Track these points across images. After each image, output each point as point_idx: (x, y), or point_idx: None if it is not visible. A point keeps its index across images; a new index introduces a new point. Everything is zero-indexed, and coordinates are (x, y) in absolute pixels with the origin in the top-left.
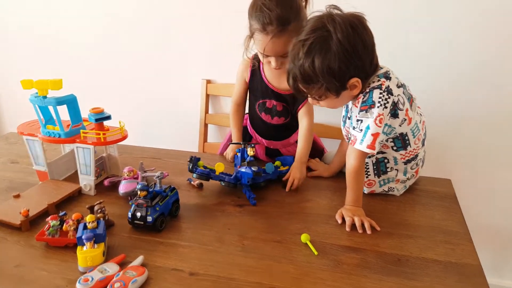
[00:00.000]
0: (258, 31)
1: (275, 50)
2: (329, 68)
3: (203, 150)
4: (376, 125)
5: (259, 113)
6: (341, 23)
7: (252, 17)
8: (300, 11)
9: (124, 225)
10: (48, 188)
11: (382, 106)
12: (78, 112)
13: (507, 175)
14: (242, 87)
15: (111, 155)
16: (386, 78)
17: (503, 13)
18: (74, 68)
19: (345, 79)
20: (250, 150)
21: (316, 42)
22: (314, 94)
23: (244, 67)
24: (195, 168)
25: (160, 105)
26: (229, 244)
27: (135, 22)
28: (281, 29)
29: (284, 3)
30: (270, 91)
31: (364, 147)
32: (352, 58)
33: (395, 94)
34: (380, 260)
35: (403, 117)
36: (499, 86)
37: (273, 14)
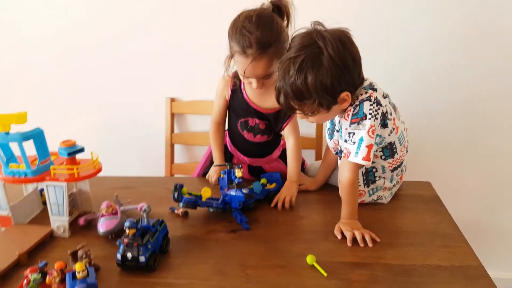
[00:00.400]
0: (238, 54)
1: (256, 72)
2: (322, 84)
3: (170, 172)
4: (369, 136)
5: (241, 131)
6: (330, 39)
7: (232, 39)
8: (281, 33)
9: (111, 268)
10: (14, 234)
11: (373, 118)
12: (45, 147)
13: (473, 173)
14: (222, 105)
15: (82, 190)
16: (373, 89)
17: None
18: (21, 90)
19: (337, 94)
20: (238, 171)
21: (307, 59)
22: (307, 110)
23: (224, 85)
24: (180, 197)
25: (120, 127)
26: (231, 276)
27: (93, 37)
28: (261, 52)
29: (264, 26)
30: (252, 110)
31: (360, 159)
32: (343, 73)
33: (383, 104)
34: (388, 273)
35: (392, 127)
36: (460, 86)
37: (253, 37)
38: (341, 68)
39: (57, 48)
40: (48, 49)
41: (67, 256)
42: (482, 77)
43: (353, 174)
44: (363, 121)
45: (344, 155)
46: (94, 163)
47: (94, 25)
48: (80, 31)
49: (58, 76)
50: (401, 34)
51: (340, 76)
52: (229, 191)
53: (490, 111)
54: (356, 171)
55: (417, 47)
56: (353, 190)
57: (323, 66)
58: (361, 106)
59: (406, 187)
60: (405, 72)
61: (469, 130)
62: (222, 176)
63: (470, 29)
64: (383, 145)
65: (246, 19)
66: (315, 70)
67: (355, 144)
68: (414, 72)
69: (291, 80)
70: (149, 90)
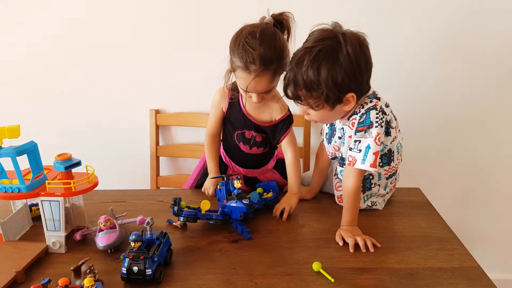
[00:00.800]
0: (240, 69)
1: (257, 88)
2: (333, 78)
3: (156, 185)
4: (376, 144)
5: (237, 143)
6: (351, 38)
7: (235, 54)
8: (284, 49)
9: (115, 282)
10: (7, 252)
11: (379, 126)
12: (39, 161)
13: (453, 179)
14: (218, 118)
15: (75, 204)
16: (376, 98)
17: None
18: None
19: (344, 92)
20: (237, 182)
21: (325, 50)
22: (312, 102)
23: (221, 97)
24: (180, 211)
25: (104, 139)
26: (241, 286)
27: (74, 48)
28: (264, 68)
29: (267, 42)
30: (250, 122)
31: (368, 166)
32: (355, 73)
33: (387, 113)
34: (393, 276)
35: (394, 135)
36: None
37: (256, 54)
38: (355, 67)
39: (38, 61)
40: (29, 61)
41: (65, 272)
42: (466, 85)
43: (358, 181)
44: (369, 129)
45: (349, 162)
46: (90, 177)
47: (78, 37)
48: (64, 43)
49: (38, 88)
50: (388, 43)
51: (352, 75)
52: (228, 203)
53: (475, 117)
54: (360, 179)
55: (404, 55)
56: (356, 197)
57: (339, 61)
58: (368, 114)
59: (398, 193)
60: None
61: (450, 136)
62: (219, 188)
63: (455, 38)
64: (382, 153)
65: (249, 34)
66: (329, 63)
67: (362, 152)
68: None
69: (303, 69)
70: (133, 102)
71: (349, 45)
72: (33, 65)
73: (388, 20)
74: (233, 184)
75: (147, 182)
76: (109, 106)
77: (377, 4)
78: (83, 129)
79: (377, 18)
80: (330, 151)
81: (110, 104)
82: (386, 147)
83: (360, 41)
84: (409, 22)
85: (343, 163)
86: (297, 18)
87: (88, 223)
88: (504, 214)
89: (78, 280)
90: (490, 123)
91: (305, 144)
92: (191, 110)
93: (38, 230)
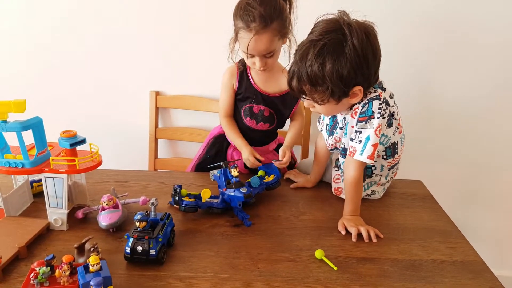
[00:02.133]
0: (242, 29)
1: (258, 48)
2: (338, 72)
3: (154, 167)
4: (376, 135)
5: (244, 118)
6: (357, 29)
7: (237, 17)
8: (283, 12)
9: (117, 261)
10: (9, 227)
11: (381, 117)
12: (44, 137)
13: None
14: (231, 97)
15: (77, 182)
16: (382, 89)
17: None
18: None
19: (350, 86)
20: (234, 171)
21: (329, 44)
22: (317, 97)
23: (230, 74)
24: (181, 201)
25: (104, 120)
26: (244, 270)
27: (76, 28)
28: (264, 25)
29: (267, 3)
30: (259, 94)
31: (365, 158)
32: (361, 65)
33: (391, 104)
34: (397, 267)
35: (396, 126)
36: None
37: (256, 12)
38: (361, 60)
39: (39, 42)
40: (28, 43)
41: (66, 250)
42: (468, 81)
43: (358, 172)
44: (371, 119)
45: (350, 153)
46: (94, 155)
47: (81, 18)
48: (66, 23)
49: (39, 67)
50: (393, 36)
51: (358, 68)
52: (227, 191)
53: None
54: (361, 169)
55: (413, 47)
56: (357, 187)
57: (344, 54)
58: (370, 104)
59: (399, 185)
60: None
61: (452, 131)
62: (218, 175)
63: (452, 32)
64: (387, 145)
65: None
66: (334, 57)
67: (361, 143)
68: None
69: (308, 64)
70: (134, 83)
71: (355, 37)
72: (33, 45)
73: (390, 17)
74: (230, 173)
75: (145, 164)
76: (110, 86)
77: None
78: (83, 108)
79: (381, 11)
80: (330, 142)
81: (111, 84)
82: (390, 140)
83: (367, 32)
84: (412, 20)
85: (344, 154)
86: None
87: (89, 201)
88: (503, 210)
89: (81, 258)
90: (492, 119)
91: (304, 132)
92: (191, 93)
93: (39, 207)
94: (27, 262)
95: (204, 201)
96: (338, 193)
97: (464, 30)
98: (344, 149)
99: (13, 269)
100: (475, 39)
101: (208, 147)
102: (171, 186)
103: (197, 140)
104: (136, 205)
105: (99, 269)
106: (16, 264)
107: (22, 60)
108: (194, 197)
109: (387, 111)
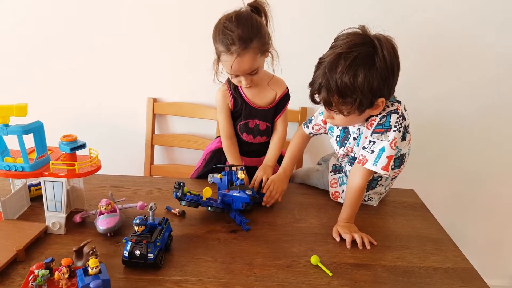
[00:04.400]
0: (223, 53)
1: (242, 68)
2: (370, 84)
3: (149, 173)
4: (391, 148)
5: (240, 134)
6: (386, 43)
7: (217, 41)
8: (261, 29)
9: (114, 265)
10: (7, 230)
11: (397, 131)
12: (44, 141)
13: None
14: (228, 117)
15: (75, 187)
16: (398, 102)
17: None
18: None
19: (377, 97)
20: (240, 173)
21: (361, 57)
22: (344, 109)
23: (222, 95)
24: (184, 195)
25: (101, 126)
26: (240, 274)
27: (75, 36)
28: (244, 47)
29: (244, 23)
30: (253, 110)
31: (379, 169)
32: (389, 78)
33: (406, 118)
34: (390, 273)
35: (408, 139)
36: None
37: (235, 35)
38: (389, 72)
39: (39, 49)
40: (28, 47)
41: (64, 253)
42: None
43: (364, 180)
44: (387, 132)
45: (359, 161)
46: (93, 160)
47: (79, 23)
48: (65, 30)
49: (38, 73)
50: None
51: (386, 80)
52: (231, 192)
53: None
54: (367, 178)
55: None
56: (359, 195)
57: (375, 66)
58: (388, 117)
59: (392, 193)
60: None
61: (443, 140)
62: (221, 177)
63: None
64: (396, 156)
65: (226, 20)
66: (366, 69)
67: (374, 153)
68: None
69: (337, 76)
70: (131, 90)
71: (385, 50)
72: (32, 49)
73: (388, 20)
74: (236, 175)
75: (140, 170)
76: (108, 92)
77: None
78: (80, 113)
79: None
80: (341, 153)
81: (109, 90)
82: (400, 151)
83: (393, 46)
84: (408, 27)
85: (353, 162)
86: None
87: (86, 206)
88: (493, 219)
89: (80, 261)
90: (484, 129)
91: None
92: (188, 100)
93: (36, 211)
94: (25, 265)
95: (204, 200)
96: (335, 198)
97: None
98: (354, 158)
99: (11, 272)
100: (469, 46)
101: (207, 162)
102: (168, 191)
103: (193, 147)
104: (133, 210)
105: (98, 272)
106: (14, 267)
107: (21, 66)
108: (195, 196)
109: (403, 125)
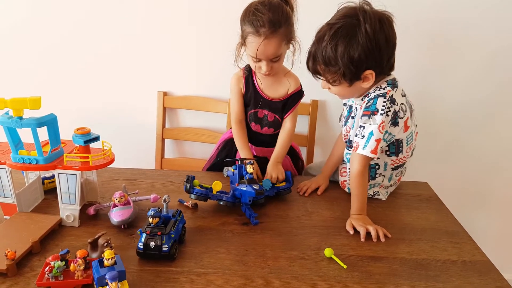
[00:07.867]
0: (251, 34)
1: (267, 52)
2: (350, 55)
3: (160, 167)
4: (379, 131)
5: (249, 122)
6: (371, 16)
7: (245, 22)
8: (290, 18)
9: (129, 257)
10: (22, 223)
11: (385, 114)
12: (58, 134)
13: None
14: (240, 101)
15: (89, 179)
16: (393, 86)
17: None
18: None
19: (362, 69)
20: (249, 167)
21: (343, 27)
22: (330, 77)
23: (237, 79)
24: (192, 189)
25: (111, 120)
26: (254, 266)
27: (85, 30)
28: (273, 30)
29: (275, 8)
30: (263, 100)
31: (368, 152)
32: (373, 50)
33: (398, 103)
34: (405, 266)
35: (402, 125)
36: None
37: (265, 17)
38: (373, 45)
39: (51, 44)
40: (41, 44)
41: (79, 245)
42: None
43: (362, 166)
44: (374, 115)
45: (354, 148)
46: (107, 153)
47: (90, 21)
48: (78, 28)
49: (49, 68)
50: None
51: (369, 53)
52: (239, 186)
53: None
54: (364, 163)
55: (413, 52)
56: (362, 181)
57: (356, 38)
58: (375, 100)
59: (405, 186)
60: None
61: (457, 133)
62: (233, 171)
63: (453, 30)
64: (390, 141)
65: (258, 3)
66: (347, 40)
67: (364, 138)
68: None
69: (323, 45)
70: (142, 84)
71: (368, 23)
72: (43, 44)
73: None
74: (245, 169)
75: (151, 164)
76: (119, 87)
77: None
78: (91, 107)
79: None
80: (344, 133)
81: (119, 84)
82: (394, 137)
83: (381, 19)
84: (417, 22)
85: (350, 145)
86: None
87: (100, 198)
88: (508, 212)
89: (95, 253)
90: (498, 120)
91: (310, 133)
92: (199, 94)
93: (50, 203)
94: (40, 257)
95: (214, 193)
96: (343, 186)
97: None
98: (349, 141)
99: (27, 264)
100: (486, 34)
101: (219, 151)
102: (180, 184)
103: (203, 141)
104: (146, 202)
105: (114, 263)
106: (29, 259)
107: (34, 62)
108: (205, 189)
109: (392, 109)
